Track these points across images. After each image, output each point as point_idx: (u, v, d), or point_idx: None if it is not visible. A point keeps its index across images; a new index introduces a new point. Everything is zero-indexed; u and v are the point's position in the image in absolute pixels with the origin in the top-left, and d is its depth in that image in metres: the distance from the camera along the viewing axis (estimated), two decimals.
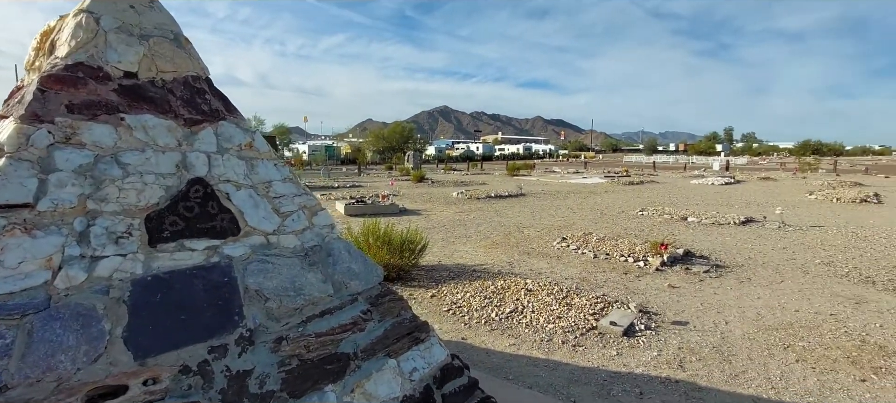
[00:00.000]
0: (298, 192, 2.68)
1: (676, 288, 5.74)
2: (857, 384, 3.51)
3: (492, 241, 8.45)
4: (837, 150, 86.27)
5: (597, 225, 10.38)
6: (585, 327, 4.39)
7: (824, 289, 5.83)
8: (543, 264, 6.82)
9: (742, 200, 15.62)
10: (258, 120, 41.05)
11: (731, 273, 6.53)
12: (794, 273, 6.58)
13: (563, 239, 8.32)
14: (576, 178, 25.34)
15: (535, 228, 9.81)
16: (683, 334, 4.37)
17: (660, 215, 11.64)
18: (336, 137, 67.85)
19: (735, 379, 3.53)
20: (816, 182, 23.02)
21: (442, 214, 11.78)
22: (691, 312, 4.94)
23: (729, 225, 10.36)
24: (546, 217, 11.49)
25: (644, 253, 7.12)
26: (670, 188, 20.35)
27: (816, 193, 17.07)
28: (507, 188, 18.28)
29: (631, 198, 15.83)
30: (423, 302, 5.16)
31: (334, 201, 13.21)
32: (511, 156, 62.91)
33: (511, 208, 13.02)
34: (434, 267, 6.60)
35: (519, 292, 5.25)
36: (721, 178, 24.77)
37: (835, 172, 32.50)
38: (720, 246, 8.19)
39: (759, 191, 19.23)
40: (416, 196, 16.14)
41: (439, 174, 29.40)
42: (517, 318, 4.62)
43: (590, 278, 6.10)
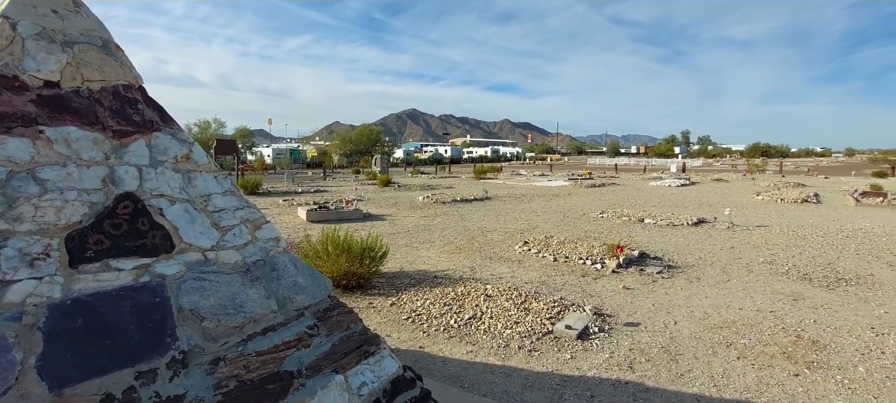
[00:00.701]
0: (240, 205, 2.60)
1: (631, 290, 5.92)
2: (792, 378, 3.71)
3: (455, 246, 8.47)
4: (783, 152, 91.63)
5: (559, 228, 10.60)
6: (542, 331, 4.46)
7: (766, 287, 6.15)
8: (505, 269, 6.89)
9: (696, 201, 16.31)
10: (218, 122, 39.73)
11: (682, 273, 6.80)
12: (739, 272, 6.92)
13: (525, 242, 8.44)
14: (541, 181, 25.79)
15: (498, 232, 9.91)
16: (635, 335, 4.51)
17: (619, 217, 11.99)
18: (302, 140, 66.46)
19: (680, 379, 3.67)
20: (764, 183, 24.34)
21: (407, 219, 11.73)
22: (643, 313, 5.11)
23: (682, 226, 10.79)
24: (510, 220, 11.63)
25: (602, 255, 7.31)
26: (630, 190, 21.02)
27: (763, 194, 18.03)
28: (474, 191, 18.41)
29: (593, 201, 16.25)
30: (382, 310, 5.11)
31: (296, 207, 12.93)
32: (479, 159, 63.43)
33: (476, 212, 13.11)
34: (396, 274, 6.55)
35: (479, 298, 5.28)
36: (677, 180, 25.80)
37: (780, 174, 34.47)
38: (673, 247, 8.52)
39: (712, 192, 20.15)
40: (381, 200, 16.01)
41: (407, 177, 29.30)
42: (476, 325, 4.64)
43: (549, 282, 6.21)
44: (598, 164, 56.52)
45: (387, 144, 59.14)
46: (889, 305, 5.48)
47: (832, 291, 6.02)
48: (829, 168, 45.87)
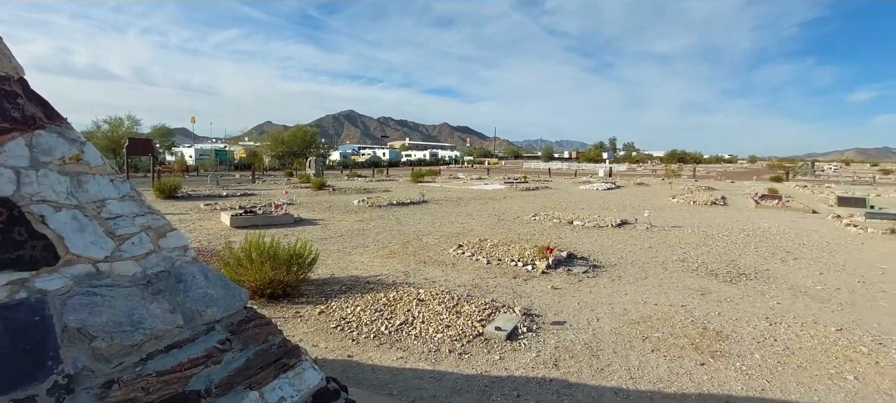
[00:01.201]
0: (141, 211, 2.37)
1: (558, 290, 6.16)
2: (698, 367, 4.04)
3: (389, 250, 8.37)
4: (697, 159, 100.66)
5: (493, 230, 10.83)
6: (473, 334, 4.51)
7: (678, 283, 6.67)
8: (438, 272, 6.91)
9: (620, 204, 17.38)
10: (132, 119, 36.40)
11: (606, 272, 7.20)
12: (655, 269, 7.44)
13: (459, 246, 8.52)
14: (478, 184, 26.27)
15: (434, 236, 9.94)
16: (561, 333, 4.69)
17: (550, 219, 12.48)
18: (229, 140, 62.63)
19: (600, 373, 3.86)
20: (679, 187, 26.49)
21: (340, 223, 11.43)
22: (569, 312, 5.33)
23: (607, 227, 11.45)
24: (446, 224, 11.71)
25: (532, 257, 7.55)
26: (562, 193, 22.00)
27: (678, 197, 19.59)
28: (411, 195, 18.35)
29: (526, 204, 16.80)
30: (310, 319, 4.91)
31: (220, 212, 12.15)
32: (418, 162, 63.41)
33: (412, 215, 13.07)
34: (326, 280, 6.34)
35: (411, 303, 5.24)
36: (604, 184, 27.40)
37: (694, 178, 37.72)
38: (599, 248, 9.00)
39: (635, 195, 21.59)
40: (314, 204, 15.49)
41: (343, 181, 28.61)
42: (407, 330, 4.59)
43: (481, 284, 6.31)
44: (533, 168, 58.63)
45: (322, 146, 57.40)
46: (781, 297, 6.14)
47: (734, 285, 6.64)
48: (735, 173, 50.92)
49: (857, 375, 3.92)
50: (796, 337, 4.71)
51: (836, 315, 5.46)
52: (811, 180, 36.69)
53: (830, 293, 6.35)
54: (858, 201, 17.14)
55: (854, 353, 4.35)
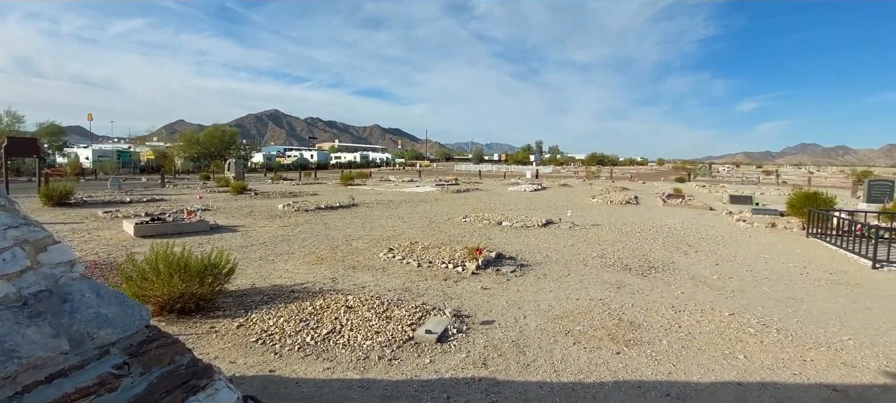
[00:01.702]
0: (14, 223, 2.06)
1: (488, 290, 6.30)
2: (614, 356, 4.31)
3: (317, 257, 8.07)
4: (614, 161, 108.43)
5: (424, 233, 10.84)
6: (403, 339, 4.46)
7: (597, 278, 7.10)
8: (368, 277, 6.77)
9: (545, 205, 18.20)
10: (13, 115, 31.87)
11: (532, 271, 7.48)
12: (577, 266, 7.87)
13: (390, 249, 8.42)
14: (410, 187, 26.20)
15: (364, 240, 9.74)
16: (490, 332, 4.79)
17: (480, 221, 12.75)
18: (134, 140, 56.79)
19: (527, 369, 3.99)
20: (598, 188, 28.32)
21: (263, 230, 10.82)
22: (498, 311, 5.46)
23: (534, 227, 11.92)
24: (376, 227, 11.53)
25: (463, 258, 7.66)
26: (491, 195, 22.59)
27: (598, 197, 20.92)
28: (340, 198, 17.86)
29: (457, 206, 17.03)
30: (227, 334, 4.57)
31: (122, 220, 10.98)
32: (348, 165, 61.97)
33: (342, 219, 12.72)
34: (246, 291, 5.96)
35: (339, 310, 5.07)
36: (531, 186, 28.56)
37: (611, 180, 40.54)
38: (526, 247, 9.34)
39: (559, 196, 22.73)
40: (234, 210, 14.53)
41: (266, 184, 27.16)
42: (335, 339, 4.44)
43: (412, 287, 6.27)
44: (464, 171, 59.65)
45: (243, 147, 54.07)
46: (684, 287, 6.75)
47: (645, 278, 7.20)
48: (646, 174, 55.42)
49: (746, 354, 4.41)
50: (697, 323, 5.20)
51: (729, 301, 6.11)
52: (709, 180, 40.96)
53: (724, 281, 7.10)
54: (746, 199, 19.41)
55: (743, 335, 4.89)
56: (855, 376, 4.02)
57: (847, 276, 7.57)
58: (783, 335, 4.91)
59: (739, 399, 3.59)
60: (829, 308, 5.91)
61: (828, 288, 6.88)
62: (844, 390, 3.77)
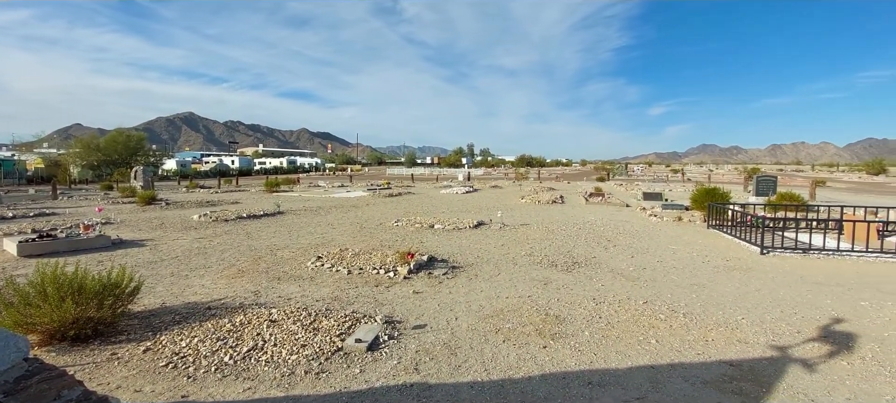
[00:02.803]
0: None
1: (420, 293, 6.26)
2: (541, 350, 4.46)
3: (237, 269, 7.56)
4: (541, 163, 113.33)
5: (355, 239, 10.58)
6: (331, 350, 4.29)
7: (526, 276, 7.33)
8: (294, 288, 6.46)
9: (477, 206, 18.56)
10: None
11: (464, 272, 7.56)
12: (507, 265, 8.08)
13: (318, 257, 8.11)
14: (340, 192, 25.52)
15: (290, 249, 9.29)
16: (421, 336, 4.75)
17: (413, 224, 12.70)
18: (20, 147, 49.83)
19: (458, 370, 4.01)
20: (527, 188, 29.42)
21: (176, 243, 9.95)
22: (430, 314, 5.44)
23: (465, 229, 12.09)
24: (304, 235, 11.06)
25: (394, 263, 7.56)
26: (424, 198, 22.62)
27: (526, 198, 21.71)
28: (264, 206, 16.95)
29: (390, 210, 16.85)
30: (131, 360, 4.12)
31: (2, 238, 9.57)
32: (273, 171, 59.07)
33: (266, 228, 12.05)
34: (155, 311, 5.43)
35: (261, 325, 4.78)
36: (463, 188, 29.02)
37: (539, 180, 42.32)
38: (457, 249, 9.43)
39: (490, 197, 23.29)
40: (141, 222, 13.25)
41: (180, 193, 25.11)
42: (257, 356, 4.16)
43: (342, 296, 6.08)
44: (396, 174, 59.26)
45: (153, 153, 49.46)
46: (604, 279, 7.17)
47: (570, 273, 7.55)
48: (571, 175, 58.54)
49: (657, 338, 4.76)
50: (615, 313, 5.54)
51: (643, 290, 6.58)
52: (625, 179, 44.15)
53: (639, 272, 7.65)
54: (657, 196, 21.13)
55: (655, 320, 5.29)
56: (748, 351, 4.49)
57: (740, 262, 8.47)
58: (689, 318, 5.38)
59: (652, 380, 3.86)
60: (727, 291, 6.57)
61: (725, 273, 7.65)
62: (739, 364, 4.19)
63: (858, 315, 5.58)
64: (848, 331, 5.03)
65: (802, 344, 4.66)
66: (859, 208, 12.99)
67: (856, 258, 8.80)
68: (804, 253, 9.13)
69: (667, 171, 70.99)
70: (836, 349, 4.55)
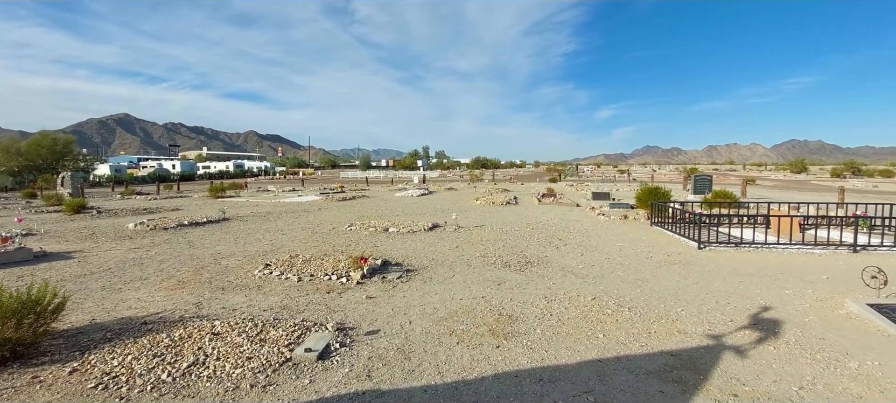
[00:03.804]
0: None
1: (373, 298, 6.16)
2: (495, 350, 4.50)
3: (177, 280, 7.12)
4: (496, 164, 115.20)
5: (306, 244, 10.27)
6: (279, 361, 4.13)
7: (480, 277, 7.39)
8: (240, 298, 6.17)
9: (432, 208, 18.56)
10: None
11: (418, 275, 7.52)
12: (462, 267, 8.11)
13: (266, 265, 7.80)
14: (291, 197, 24.73)
15: (236, 257, 8.87)
16: (375, 342, 4.67)
17: (366, 228, 12.50)
18: None
19: (412, 375, 3.97)
20: (482, 190, 29.75)
21: (108, 254, 9.25)
22: (383, 319, 5.37)
23: (420, 231, 12.05)
24: (252, 242, 10.61)
25: (347, 268, 7.40)
26: (378, 201, 22.35)
27: (481, 199, 21.95)
28: (208, 212, 16.13)
29: (343, 214, 16.51)
30: (55, 383, 3.78)
31: None
32: (219, 175, 56.39)
33: (210, 236, 11.46)
34: (83, 328, 5.01)
35: (203, 338, 4.52)
36: (419, 190, 28.94)
37: (493, 182, 42.95)
38: (412, 252, 9.37)
39: (445, 199, 23.36)
40: (68, 233, 12.22)
41: (115, 200, 23.42)
42: (198, 371, 3.93)
43: (291, 304, 5.87)
44: (350, 178, 58.23)
45: (83, 158, 45.81)
46: (555, 278, 7.36)
47: (522, 273, 7.69)
48: (525, 176, 59.80)
49: (604, 333, 4.94)
50: (565, 310, 5.70)
51: (591, 287, 6.81)
52: (576, 180, 45.70)
53: (588, 269, 7.92)
54: (605, 195, 22.01)
55: (603, 316, 5.48)
56: (687, 341, 4.74)
57: (680, 257, 8.97)
58: (634, 312, 5.62)
59: (599, 374, 3.99)
60: (668, 285, 6.92)
61: (666, 268, 8.07)
62: (679, 354, 4.42)
63: (783, 302, 6.05)
64: (774, 318, 5.44)
65: (735, 332, 4.99)
66: (784, 204, 14.12)
67: (781, 250, 9.54)
68: (736, 246, 9.80)
69: (614, 172, 74.25)
70: (763, 335, 4.90)
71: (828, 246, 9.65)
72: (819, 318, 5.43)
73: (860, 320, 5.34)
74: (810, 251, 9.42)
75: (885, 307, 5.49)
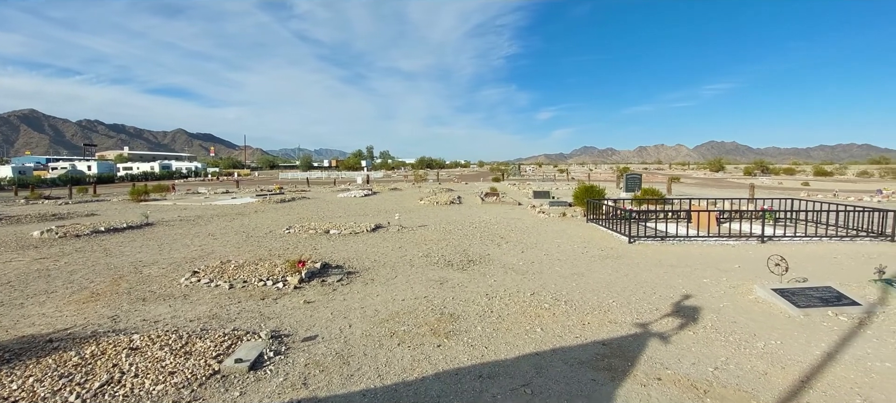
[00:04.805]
0: None
1: (311, 303, 5.95)
2: (436, 349, 4.50)
3: (90, 293, 6.49)
4: (441, 165, 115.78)
5: (239, 250, 9.74)
6: (206, 374, 3.87)
7: (423, 277, 7.37)
8: (163, 309, 5.72)
9: (375, 209, 18.30)
10: None
11: (360, 277, 7.37)
12: (404, 267, 8.05)
13: (194, 272, 7.31)
14: (225, 199, 23.39)
15: (159, 265, 8.23)
16: (312, 348, 4.51)
17: (306, 231, 12.08)
18: None
19: (350, 380, 3.87)
20: (426, 190, 29.75)
21: (7, 266, 8.24)
22: (322, 324, 5.20)
23: (363, 233, 11.83)
24: (178, 249, 9.90)
25: (284, 272, 7.10)
26: (320, 203, 21.69)
27: (425, 199, 21.93)
28: (129, 217, 14.88)
29: (281, 217, 15.86)
30: None
31: None
32: (142, 177, 52.25)
33: (130, 243, 10.55)
34: None
35: (119, 354, 4.15)
36: (362, 191, 28.44)
37: (438, 182, 43.12)
38: (354, 254, 9.17)
39: (389, 200, 23.12)
40: None
41: (18, 205, 20.97)
42: (112, 391, 3.59)
43: (221, 313, 5.53)
44: (290, 179, 56.09)
45: None
46: (496, 275, 7.49)
47: (465, 272, 7.76)
48: (469, 176, 60.55)
49: (542, 326, 5.09)
50: (506, 307, 5.81)
51: (530, 282, 7.01)
52: (518, 179, 46.96)
53: (528, 266, 8.14)
54: (545, 194, 22.78)
55: (541, 310, 5.65)
56: (618, 330, 5.00)
57: (613, 251, 9.46)
58: (570, 306, 5.84)
59: (537, 366, 4.11)
60: (601, 278, 7.27)
61: (600, 262, 8.47)
62: (610, 343, 4.65)
63: (701, 290, 6.55)
64: (694, 305, 5.87)
65: (660, 320, 5.33)
66: (704, 200, 15.32)
67: (701, 242, 10.34)
68: (662, 240, 10.50)
69: (555, 171, 77.12)
70: (684, 321, 5.28)
71: (740, 238, 10.59)
72: (732, 304, 5.94)
73: (766, 303, 5.90)
74: (725, 242, 10.29)
75: (787, 291, 6.10)
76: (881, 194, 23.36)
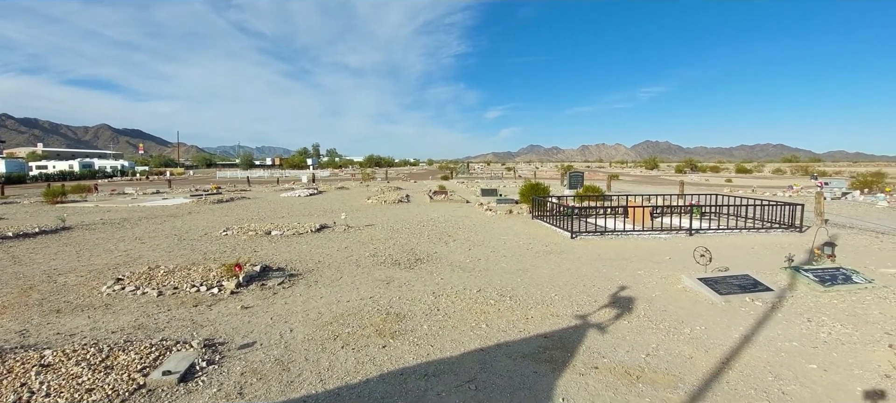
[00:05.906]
0: None
1: (249, 308, 5.68)
2: (381, 350, 4.43)
3: None
4: (390, 163, 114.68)
5: (170, 254, 9.11)
6: (130, 389, 3.58)
7: (369, 277, 7.25)
8: (81, 321, 5.23)
9: (321, 209, 17.80)
10: None
11: (303, 279, 7.13)
12: (350, 267, 7.89)
13: (118, 279, 6.75)
14: (155, 200, 21.82)
15: (78, 273, 7.53)
16: (249, 356, 4.29)
17: (245, 232, 11.53)
18: None
19: (290, 386, 3.72)
20: (374, 189, 29.34)
21: None
22: (261, 330, 4.97)
23: (307, 233, 11.46)
24: (100, 254, 9.11)
25: (219, 277, 6.73)
26: (261, 203, 20.78)
27: (373, 198, 21.62)
28: (42, 221, 13.51)
29: (218, 218, 15.03)
30: None
31: None
32: (60, 177, 47.66)
33: (43, 249, 9.57)
34: None
35: (28, 372, 3.74)
36: (307, 190, 27.56)
37: (387, 180, 42.67)
38: (297, 256, 8.86)
39: (336, 199, 22.57)
40: None
41: None
42: None
43: (149, 323, 5.14)
44: (229, 178, 53.34)
45: None
46: (443, 273, 7.51)
47: (412, 270, 7.72)
48: (418, 174, 60.40)
49: (487, 322, 5.17)
50: (452, 304, 5.84)
51: (477, 279, 7.09)
52: (466, 178, 47.44)
53: (474, 263, 8.23)
54: (493, 192, 23.17)
55: (487, 306, 5.73)
56: (559, 323, 5.17)
57: (556, 247, 9.78)
58: (514, 301, 5.97)
59: (481, 362, 4.16)
60: (544, 273, 7.50)
61: (544, 257, 8.73)
62: (552, 336, 4.80)
63: (636, 282, 6.92)
64: (629, 296, 6.20)
65: (598, 311, 5.57)
66: (639, 196, 16.22)
67: (636, 236, 10.94)
68: (602, 235, 11.00)
69: (502, 170, 78.73)
70: (620, 312, 5.55)
71: (671, 232, 11.32)
72: (663, 293, 6.32)
73: (692, 292, 6.33)
74: (658, 236, 10.95)
75: (711, 280, 6.58)
76: (792, 189, 25.90)
